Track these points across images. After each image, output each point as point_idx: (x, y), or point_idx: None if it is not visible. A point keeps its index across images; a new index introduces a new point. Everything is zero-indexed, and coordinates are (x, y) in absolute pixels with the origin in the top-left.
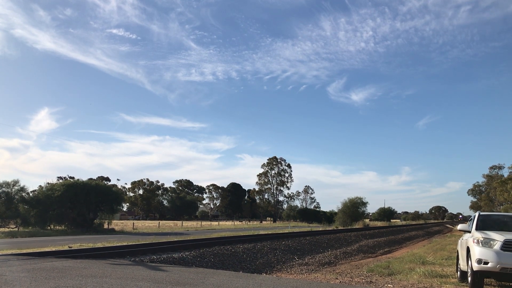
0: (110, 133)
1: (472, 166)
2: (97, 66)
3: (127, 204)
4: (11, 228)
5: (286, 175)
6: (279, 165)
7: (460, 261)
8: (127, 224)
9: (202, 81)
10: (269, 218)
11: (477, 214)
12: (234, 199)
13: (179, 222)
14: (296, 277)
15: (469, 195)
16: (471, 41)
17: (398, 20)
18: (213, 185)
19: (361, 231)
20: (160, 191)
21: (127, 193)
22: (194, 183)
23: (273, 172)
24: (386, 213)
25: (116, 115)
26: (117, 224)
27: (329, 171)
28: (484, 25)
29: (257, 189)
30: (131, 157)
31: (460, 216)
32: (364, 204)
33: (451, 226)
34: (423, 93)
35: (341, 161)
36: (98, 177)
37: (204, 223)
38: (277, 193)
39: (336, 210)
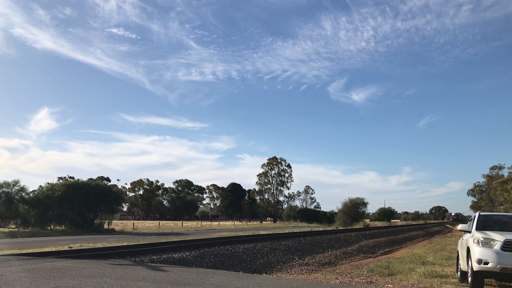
0: (110, 133)
1: (473, 166)
2: (97, 66)
3: (127, 204)
4: (11, 228)
5: (286, 175)
6: (279, 165)
7: (460, 261)
8: (127, 224)
9: (202, 81)
10: (269, 218)
11: (477, 214)
12: (234, 199)
13: (179, 222)
14: (296, 277)
15: (469, 195)
16: (472, 41)
17: (399, 19)
18: (213, 185)
19: (361, 231)
20: (160, 191)
21: (127, 193)
22: (194, 183)
23: (273, 172)
24: (386, 213)
25: (116, 115)
26: (117, 224)
27: (330, 171)
28: (486, 24)
29: (257, 189)
30: (131, 157)
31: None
32: (365, 204)
33: (451, 226)
34: (424, 93)
35: (342, 161)
36: (98, 177)
37: (204, 223)
38: (277, 193)
39: (336, 210)
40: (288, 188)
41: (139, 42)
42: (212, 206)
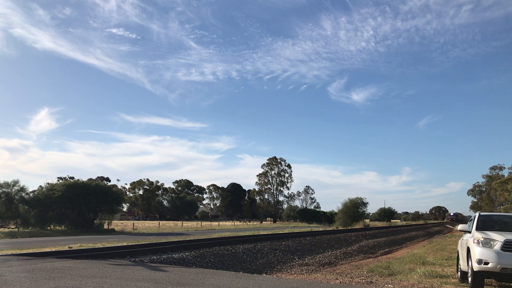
0: (110, 133)
1: (473, 166)
2: (97, 66)
3: (127, 204)
4: (11, 228)
5: (286, 175)
6: (279, 165)
7: (461, 262)
8: (127, 225)
9: (202, 81)
10: (269, 219)
11: (477, 214)
12: (234, 199)
13: (179, 223)
14: (296, 278)
15: (469, 195)
16: (472, 41)
17: (399, 19)
18: (213, 185)
19: (361, 231)
20: (160, 191)
21: (127, 193)
22: (194, 183)
23: (273, 172)
24: (386, 214)
25: (116, 115)
26: (117, 224)
27: (330, 171)
28: (486, 24)
29: (257, 189)
30: (131, 157)
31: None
32: (365, 204)
33: (451, 226)
34: (424, 93)
35: (342, 161)
36: (98, 177)
37: (204, 223)
38: (277, 193)
39: (336, 211)
40: (288, 188)
41: (139, 42)
42: (212, 206)
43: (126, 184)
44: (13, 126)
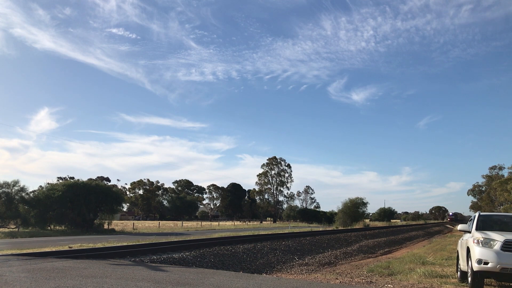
0: (110, 133)
1: (473, 166)
2: (97, 66)
3: (127, 204)
4: (11, 228)
5: (286, 175)
6: (279, 165)
7: (460, 261)
8: (127, 225)
9: (202, 81)
10: (269, 218)
11: (477, 214)
12: (234, 199)
13: (179, 223)
14: (296, 277)
15: (469, 195)
16: (473, 41)
17: (399, 19)
18: (213, 185)
19: (361, 231)
20: (160, 191)
21: (127, 193)
22: (194, 183)
23: (273, 172)
24: (386, 213)
25: (116, 115)
26: (117, 224)
27: (330, 171)
28: (486, 24)
29: (257, 189)
30: (131, 157)
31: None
32: (365, 204)
33: (451, 226)
34: (424, 93)
35: (342, 161)
36: (98, 177)
37: (204, 223)
38: (277, 193)
39: (336, 210)
40: (288, 188)
41: (139, 42)
42: (212, 206)
43: (126, 184)
44: (13, 126)
